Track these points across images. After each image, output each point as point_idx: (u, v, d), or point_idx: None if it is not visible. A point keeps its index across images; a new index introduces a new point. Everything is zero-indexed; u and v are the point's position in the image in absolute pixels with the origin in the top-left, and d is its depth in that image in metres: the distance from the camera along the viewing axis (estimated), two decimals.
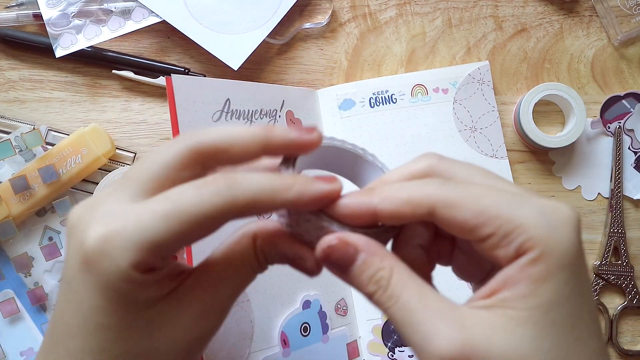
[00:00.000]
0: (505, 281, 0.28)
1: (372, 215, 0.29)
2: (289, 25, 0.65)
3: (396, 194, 0.29)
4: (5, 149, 0.56)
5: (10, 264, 0.58)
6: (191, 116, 0.52)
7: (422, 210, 0.28)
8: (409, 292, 0.28)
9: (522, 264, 0.27)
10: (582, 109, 0.61)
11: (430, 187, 0.29)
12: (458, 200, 0.28)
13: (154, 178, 0.29)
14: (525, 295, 0.27)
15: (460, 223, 0.28)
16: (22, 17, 0.61)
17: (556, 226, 0.27)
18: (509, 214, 0.27)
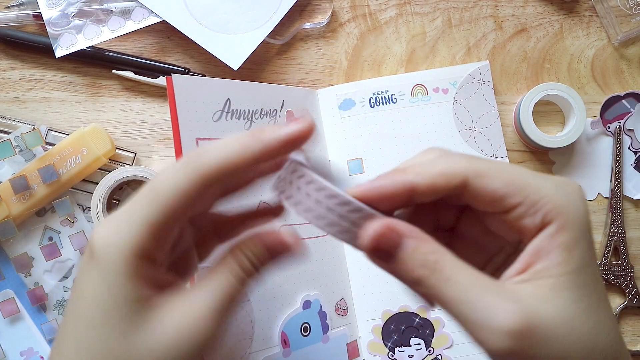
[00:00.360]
0: (537, 253, 0.29)
1: (410, 191, 0.30)
2: (289, 25, 0.65)
3: (430, 168, 0.30)
4: (5, 149, 0.56)
5: (10, 264, 0.58)
6: (192, 116, 0.51)
7: (457, 180, 0.30)
8: (463, 272, 0.29)
9: (550, 234, 0.29)
10: (582, 109, 0.61)
11: (461, 160, 0.30)
12: (488, 171, 0.30)
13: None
14: (560, 263, 0.28)
15: (491, 192, 0.30)
16: (22, 17, 0.61)
17: (572, 197, 0.30)
18: (535, 184, 0.30)
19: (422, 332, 0.59)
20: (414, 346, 0.59)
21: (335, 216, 0.30)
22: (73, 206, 0.59)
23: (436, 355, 0.59)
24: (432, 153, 0.32)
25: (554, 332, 0.28)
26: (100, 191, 0.57)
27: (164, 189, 0.30)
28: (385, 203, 0.30)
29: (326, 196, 0.30)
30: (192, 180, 0.30)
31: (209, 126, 0.53)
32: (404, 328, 0.60)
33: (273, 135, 0.31)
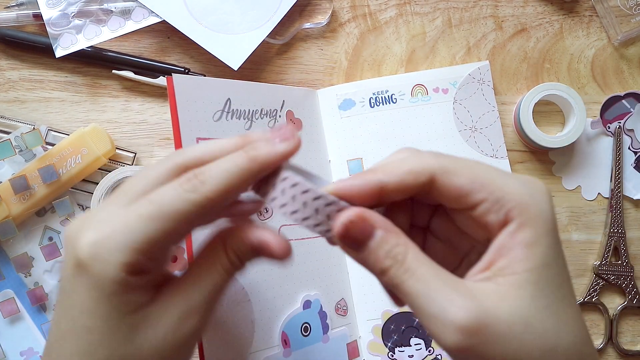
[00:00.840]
0: (499, 251, 0.30)
1: (379, 189, 0.31)
2: (289, 25, 0.65)
3: (398, 166, 0.31)
4: (5, 149, 0.56)
5: (10, 264, 0.58)
6: (192, 116, 0.51)
7: (424, 177, 0.31)
8: (424, 266, 0.29)
9: (511, 231, 0.29)
10: (582, 109, 0.61)
11: (428, 158, 0.31)
12: (455, 168, 0.31)
13: (143, 191, 0.31)
14: (521, 259, 0.29)
15: (457, 188, 0.30)
16: (22, 17, 0.61)
17: (536, 196, 0.30)
18: (499, 181, 0.30)
19: (422, 332, 0.59)
20: (414, 346, 0.59)
21: (310, 210, 0.32)
22: (73, 206, 0.59)
23: (436, 355, 0.59)
24: (402, 153, 0.33)
25: (508, 330, 0.28)
26: (100, 191, 0.57)
27: (164, 212, 0.30)
28: (357, 201, 0.31)
29: (301, 192, 0.32)
30: (192, 209, 0.31)
31: (210, 126, 0.53)
32: (404, 328, 0.60)
33: (268, 157, 0.32)
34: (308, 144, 0.61)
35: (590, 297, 0.61)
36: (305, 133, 0.61)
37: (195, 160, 0.33)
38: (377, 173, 0.31)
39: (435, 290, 0.29)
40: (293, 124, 0.60)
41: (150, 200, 0.30)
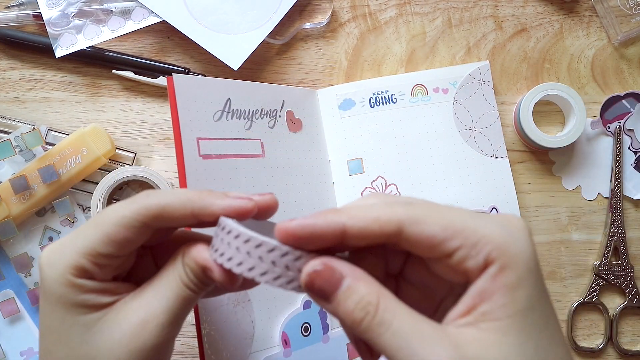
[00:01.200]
0: (480, 295, 0.28)
1: (341, 233, 0.29)
2: (289, 25, 0.65)
3: (365, 212, 0.30)
4: (5, 149, 0.56)
5: (10, 264, 0.58)
6: (192, 115, 0.51)
7: (391, 227, 0.29)
8: (400, 317, 0.28)
9: (493, 274, 0.28)
10: (582, 109, 0.61)
11: (397, 207, 0.30)
12: (424, 217, 0.29)
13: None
14: (505, 304, 0.28)
15: (429, 238, 0.29)
16: (22, 17, 0.61)
17: (515, 235, 0.29)
18: (474, 225, 0.29)
19: None
20: None
21: (266, 264, 0.30)
22: (73, 206, 0.59)
23: None
24: (373, 199, 0.32)
25: None
26: (100, 191, 0.57)
27: (109, 220, 0.33)
28: (317, 242, 0.30)
29: (254, 246, 0.30)
30: (135, 218, 0.32)
31: (210, 126, 0.53)
32: None
33: (216, 202, 0.33)
34: (308, 144, 0.61)
35: (590, 297, 0.61)
36: (305, 133, 0.61)
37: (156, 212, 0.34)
38: (341, 215, 0.30)
39: (416, 344, 0.27)
40: (293, 124, 0.60)
41: (100, 213, 0.34)
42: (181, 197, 0.33)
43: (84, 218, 0.60)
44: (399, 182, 0.61)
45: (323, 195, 0.60)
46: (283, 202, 0.57)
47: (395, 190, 0.61)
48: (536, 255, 0.29)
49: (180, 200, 0.33)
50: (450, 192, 0.61)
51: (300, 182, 0.59)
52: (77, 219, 0.60)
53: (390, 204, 0.30)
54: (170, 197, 0.33)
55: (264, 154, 0.57)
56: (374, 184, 0.61)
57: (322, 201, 0.60)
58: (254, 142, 0.56)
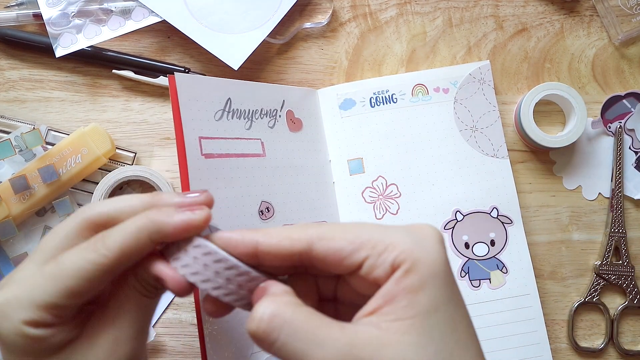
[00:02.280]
0: (384, 297, 0.29)
1: (254, 248, 0.32)
2: (290, 25, 0.65)
3: (278, 231, 0.32)
4: (5, 148, 0.56)
5: (11, 263, 0.58)
6: (194, 115, 0.51)
7: (301, 244, 0.31)
8: (293, 323, 0.29)
9: (397, 277, 0.29)
10: (582, 108, 0.61)
11: (309, 228, 0.32)
12: (332, 233, 0.31)
13: (56, 247, 0.33)
14: (406, 306, 0.28)
15: (337, 251, 0.30)
16: (22, 17, 0.61)
17: (422, 240, 0.30)
18: (379, 235, 0.30)
19: None
20: None
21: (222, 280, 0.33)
22: (73, 206, 0.59)
23: None
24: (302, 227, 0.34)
25: None
26: (101, 191, 0.57)
27: (68, 273, 0.32)
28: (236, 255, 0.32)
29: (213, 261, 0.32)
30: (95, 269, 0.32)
31: (212, 125, 0.53)
32: None
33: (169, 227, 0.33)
34: (308, 143, 0.61)
35: (591, 297, 0.61)
36: (306, 133, 0.61)
37: (103, 217, 0.34)
38: (257, 232, 0.32)
39: (307, 345, 0.28)
40: (293, 124, 0.60)
41: (57, 261, 0.32)
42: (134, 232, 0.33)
43: None
44: (399, 181, 0.61)
45: (323, 195, 0.60)
46: (284, 202, 0.57)
47: (395, 190, 0.61)
48: (444, 259, 0.30)
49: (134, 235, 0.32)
50: (451, 192, 0.61)
51: (301, 182, 0.59)
52: None
53: (302, 226, 0.32)
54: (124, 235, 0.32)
55: (264, 153, 0.57)
56: (374, 183, 0.61)
57: (322, 201, 0.60)
58: (255, 141, 0.56)
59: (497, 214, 0.60)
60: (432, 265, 0.29)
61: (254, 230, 0.32)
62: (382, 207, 0.60)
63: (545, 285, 0.62)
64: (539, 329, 0.59)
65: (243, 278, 0.32)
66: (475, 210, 0.61)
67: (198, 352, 0.59)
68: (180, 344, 0.59)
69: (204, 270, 0.32)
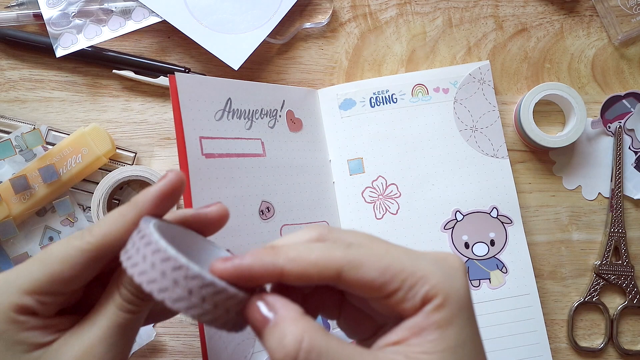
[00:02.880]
0: (412, 330, 0.29)
1: (278, 276, 0.29)
2: (290, 25, 0.65)
3: (304, 255, 0.29)
4: (6, 148, 0.56)
5: (11, 263, 0.58)
6: (194, 114, 0.51)
7: (329, 273, 0.29)
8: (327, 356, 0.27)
9: (428, 311, 0.29)
10: (582, 108, 0.61)
11: (337, 250, 0.30)
12: (363, 261, 0.29)
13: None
14: (434, 340, 0.28)
15: (368, 282, 0.29)
16: (22, 17, 0.61)
17: (450, 274, 0.30)
18: (411, 266, 0.29)
19: None
20: None
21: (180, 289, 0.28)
22: (73, 206, 0.59)
23: None
24: (311, 233, 0.32)
25: None
26: (101, 191, 0.57)
27: (53, 259, 0.32)
28: (251, 284, 0.30)
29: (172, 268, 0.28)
30: (79, 256, 0.32)
31: (212, 125, 0.53)
32: None
33: (145, 197, 0.33)
34: (308, 143, 0.61)
35: (591, 297, 0.61)
36: (306, 133, 0.61)
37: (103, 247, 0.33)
38: (278, 258, 0.29)
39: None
40: (293, 124, 0.60)
41: (46, 249, 0.33)
42: (115, 216, 0.32)
43: (84, 218, 0.60)
44: (399, 181, 0.61)
45: (324, 195, 0.60)
46: (284, 202, 0.57)
47: (395, 190, 0.61)
48: (469, 293, 0.30)
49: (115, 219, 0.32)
50: (451, 192, 0.61)
51: (301, 182, 0.59)
52: (78, 219, 0.60)
53: (329, 248, 0.30)
54: (107, 227, 0.32)
55: (264, 153, 0.57)
56: (374, 183, 0.61)
57: (322, 201, 0.60)
58: (255, 141, 0.56)
59: (497, 214, 0.60)
60: (460, 301, 0.29)
61: (271, 253, 0.30)
62: (382, 207, 0.60)
63: (545, 285, 0.62)
64: (538, 329, 0.59)
65: (208, 290, 0.28)
66: (475, 210, 0.61)
67: (198, 351, 0.59)
68: (181, 344, 0.59)
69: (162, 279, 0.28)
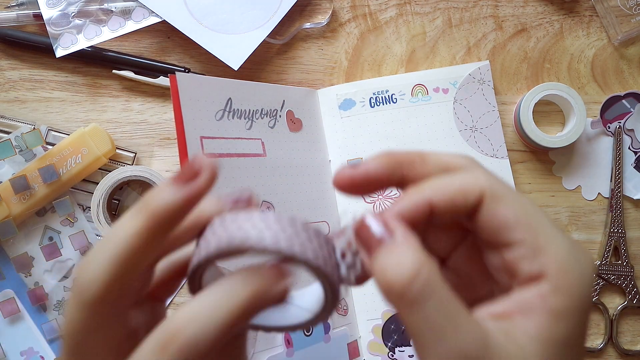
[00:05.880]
0: (521, 306, 0.26)
1: (428, 209, 0.27)
2: (289, 25, 0.65)
3: (448, 182, 0.27)
4: (6, 148, 0.56)
5: (11, 263, 0.58)
6: (195, 114, 0.52)
7: (473, 199, 0.27)
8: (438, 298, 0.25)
9: (545, 292, 0.25)
10: (582, 108, 0.61)
11: (481, 177, 0.27)
12: (505, 195, 0.27)
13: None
14: (542, 327, 0.25)
15: (502, 218, 0.26)
16: (22, 17, 0.61)
17: (582, 264, 0.26)
18: (546, 230, 0.26)
19: None
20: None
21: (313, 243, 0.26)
22: (73, 206, 0.59)
23: None
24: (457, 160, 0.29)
25: None
26: (101, 191, 0.57)
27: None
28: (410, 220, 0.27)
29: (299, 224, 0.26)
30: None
31: (213, 125, 0.53)
32: (404, 328, 0.60)
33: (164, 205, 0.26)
34: (308, 143, 0.61)
35: None
36: (306, 133, 0.61)
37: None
38: (423, 191, 0.27)
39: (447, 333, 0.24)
40: (293, 124, 0.60)
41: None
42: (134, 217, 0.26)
43: (84, 218, 0.60)
44: None
45: (323, 195, 0.60)
46: (284, 202, 0.57)
47: (395, 190, 0.61)
48: (592, 295, 0.28)
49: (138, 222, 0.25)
50: None
51: (301, 181, 0.59)
52: (78, 219, 0.60)
53: (473, 173, 0.27)
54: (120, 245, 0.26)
55: (264, 153, 0.57)
56: None
57: (322, 201, 0.60)
58: (255, 141, 0.56)
59: None
60: (583, 297, 0.25)
61: (416, 190, 0.27)
62: (382, 207, 0.61)
63: None
64: None
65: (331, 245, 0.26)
66: None
67: None
68: None
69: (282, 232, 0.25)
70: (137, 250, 0.25)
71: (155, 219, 0.25)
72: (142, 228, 0.25)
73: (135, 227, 0.25)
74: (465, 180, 0.27)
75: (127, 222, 0.26)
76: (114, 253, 0.25)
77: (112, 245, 0.25)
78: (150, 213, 0.25)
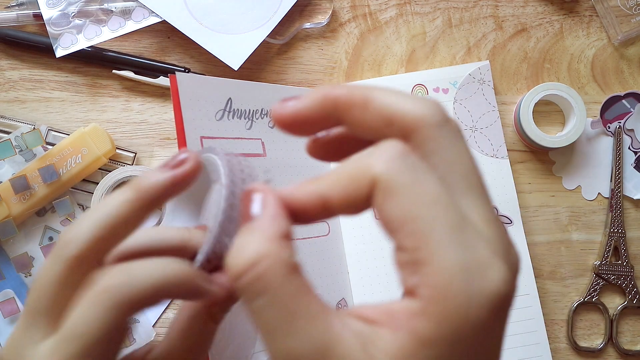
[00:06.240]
0: (390, 317, 0.23)
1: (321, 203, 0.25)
2: (289, 25, 0.65)
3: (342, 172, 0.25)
4: (6, 148, 0.56)
5: (11, 263, 0.58)
6: (195, 114, 0.52)
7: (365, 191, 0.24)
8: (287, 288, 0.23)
9: (413, 311, 0.22)
10: (582, 108, 0.61)
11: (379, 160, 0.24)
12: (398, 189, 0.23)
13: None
14: (403, 348, 0.22)
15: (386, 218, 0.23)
16: (22, 17, 0.61)
17: (473, 289, 0.21)
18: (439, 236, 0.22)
19: None
20: None
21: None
22: (73, 206, 0.59)
23: None
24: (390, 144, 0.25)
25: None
26: (101, 191, 0.57)
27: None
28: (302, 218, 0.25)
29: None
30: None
31: (212, 125, 0.53)
32: None
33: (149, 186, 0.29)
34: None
35: (591, 297, 0.61)
36: None
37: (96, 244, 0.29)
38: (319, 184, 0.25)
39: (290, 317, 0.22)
40: None
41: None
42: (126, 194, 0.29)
43: None
44: None
45: None
46: None
47: None
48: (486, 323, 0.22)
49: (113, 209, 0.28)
50: None
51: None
52: None
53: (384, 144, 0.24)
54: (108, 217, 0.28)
55: (265, 153, 0.57)
56: None
57: None
58: (255, 141, 0.56)
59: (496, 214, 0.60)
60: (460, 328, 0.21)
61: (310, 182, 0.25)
62: None
63: (544, 285, 0.62)
64: (538, 329, 0.59)
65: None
66: None
67: None
68: None
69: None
70: (121, 219, 0.28)
71: (142, 194, 0.28)
72: (130, 200, 0.28)
73: (123, 199, 0.28)
74: (358, 168, 0.24)
75: (116, 195, 0.29)
76: (100, 217, 0.28)
77: (100, 212, 0.28)
78: (138, 188, 0.28)
